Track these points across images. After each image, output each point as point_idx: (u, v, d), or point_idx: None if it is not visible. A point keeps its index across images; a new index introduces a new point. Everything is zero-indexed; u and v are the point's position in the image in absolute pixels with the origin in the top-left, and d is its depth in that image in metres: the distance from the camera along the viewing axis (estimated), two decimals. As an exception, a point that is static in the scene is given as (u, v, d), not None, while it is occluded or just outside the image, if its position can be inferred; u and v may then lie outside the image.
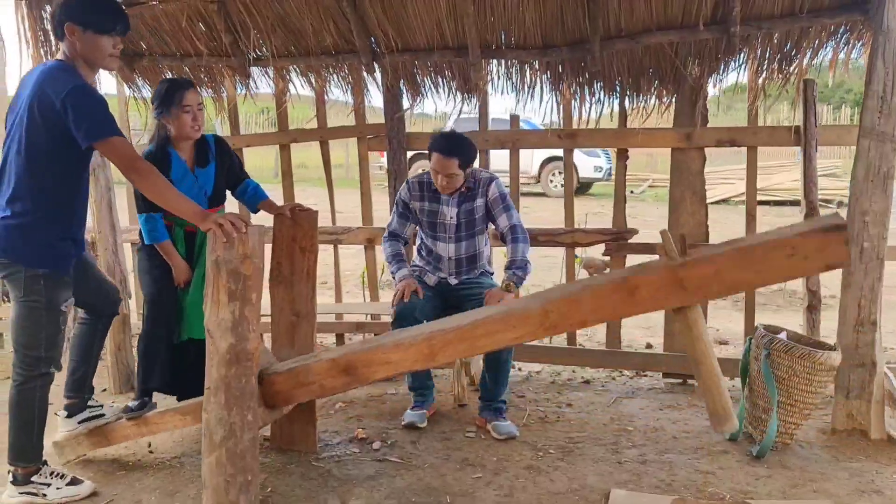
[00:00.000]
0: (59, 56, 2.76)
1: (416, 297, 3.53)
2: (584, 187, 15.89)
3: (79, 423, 3.15)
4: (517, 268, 3.49)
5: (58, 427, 3.18)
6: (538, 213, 11.06)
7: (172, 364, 3.36)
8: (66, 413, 3.16)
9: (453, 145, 3.54)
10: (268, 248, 3.01)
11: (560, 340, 4.71)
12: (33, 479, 2.84)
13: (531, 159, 15.58)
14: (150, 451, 3.33)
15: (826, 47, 3.79)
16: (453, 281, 3.70)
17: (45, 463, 2.91)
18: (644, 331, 5.56)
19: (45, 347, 2.77)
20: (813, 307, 3.88)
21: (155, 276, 3.34)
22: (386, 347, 2.75)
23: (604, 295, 2.54)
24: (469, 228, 3.68)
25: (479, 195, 3.64)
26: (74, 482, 2.90)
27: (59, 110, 2.57)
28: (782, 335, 3.36)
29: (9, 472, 2.87)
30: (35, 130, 2.63)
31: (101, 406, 3.22)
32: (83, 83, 2.66)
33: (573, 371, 4.59)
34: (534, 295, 2.99)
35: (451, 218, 3.66)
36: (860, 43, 3.72)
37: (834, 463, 3.15)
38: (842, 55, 3.79)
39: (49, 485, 2.85)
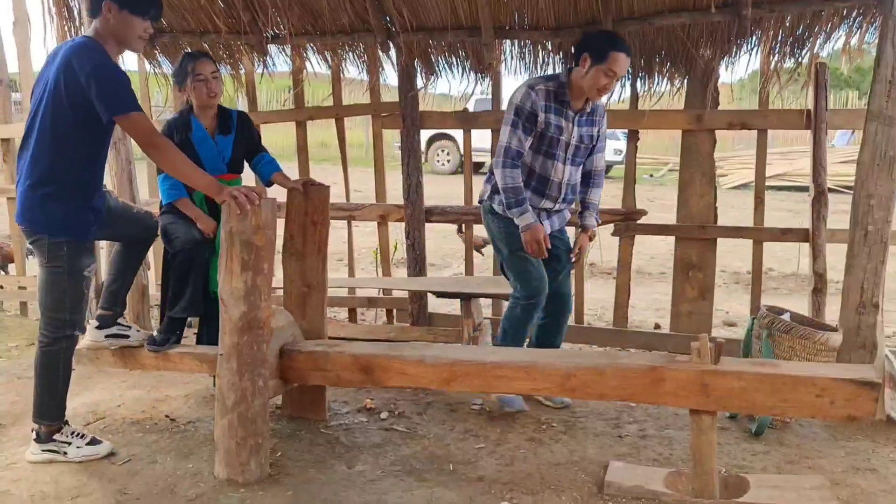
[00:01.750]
0: (89, 32, 2.87)
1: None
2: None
3: (105, 336, 3.25)
4: (597, 211, 3.52)
5: (86, 334, 3.21)
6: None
7: (204, 292, 3.40)
8: (97, 323, 3.25)
9: (628, 44, 3.28)
10: (280, 221, 3.11)
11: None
12: (55, 437, 2.97)
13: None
14: (167, 416, 3.46)
15: (839, 31, 3.79)
16: (549, 227, 3.42)
17: (67, 423, 3.05)
18: (654, 312, 5.61)
19: (70, 311, 2.90)
20: (818, 290, 3.92)
21: (185, 223, 3.35)
22: (406, 359, 2.86)
23: (629, 377, 2.63)
24: (584, 154, 3.42)
25: (596, 122, 3.41)
26: (94, 442, 3.03)
27: (83, 85, 2.69)
28: (785, 316, 3.40)
29: (32, 431, 3.01)
30: (60, 104, 2.74)
31: (130, 327, 3.31)
32: (108, 60, 2.78)
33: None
34: (561, 353, 3.05)
35: (575, 138, 3.34)
36: (873, 27, 3.72)
37: (832, 441, 3.20)
38: (854, 39, 3.79)
39: (70, 444, 2.98)
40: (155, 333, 3.32)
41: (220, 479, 2.82)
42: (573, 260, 3.53)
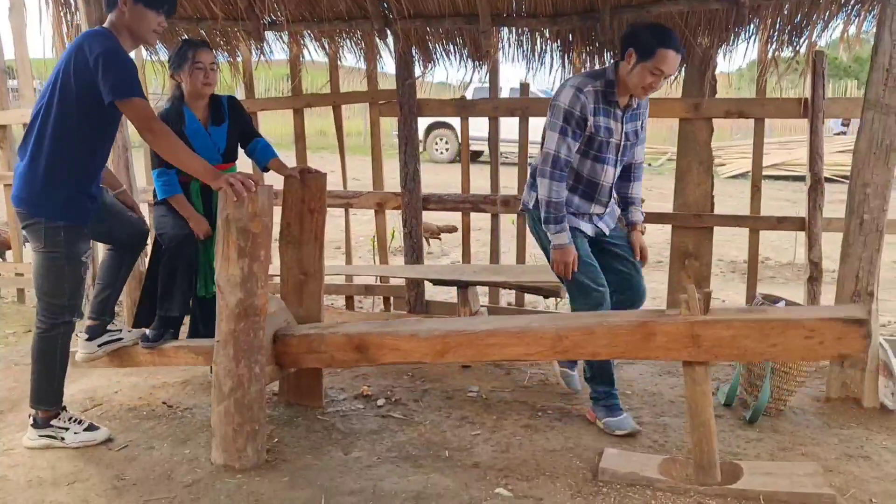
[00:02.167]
0: (105, 24, 2.89)
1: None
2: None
3: (98, 346, 3.25)
4: (641, 206, 3.37)
5: (77, 348, 3.22)
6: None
7: (193, 292, 3.44)
8: (86, 336, 3.24)
9: (679, 40, 3.00)
10: (277, 209, 3.11)
11: (564, 304, 4.80)
12: (52, 423, 2.98)
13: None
14: (164, 403, 3.47)
15: (837, 19, 3.78)
16: (605, 228, 3.27)
17: (65, 408, 3.05)
18: (650, 300, 5.60)
19: (69, 296, 2.91)
20: (814, 279, 3.93)
21: (175, 218, 3.37)
22: (399, 335, 2.85)
23: (619, 333, 2.63)
24: (629, 151, 3.21)
25: (640, 115, 3.19)
26: (91, 428, 3.04)
27: (91, 67, 2.70)
28: (781, 304, 3.41)
29: (30, 416, 3.02)
30: (67, 89, 2.76)
31: (120, 330, 3.33)
32: (118, 46, 2.79)
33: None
34: (552, 316, 3.01)
35: (622, 138, 3.13)
36: (871, 15, 3.71)
37: (825, 429, 3.22)
38: (853, 28, 3.79)
39: (67, 429, 2.99)
40: (148, 331, 3.33)
41: (217, 465, 2.83)
42: (640, 261, 3.32)
